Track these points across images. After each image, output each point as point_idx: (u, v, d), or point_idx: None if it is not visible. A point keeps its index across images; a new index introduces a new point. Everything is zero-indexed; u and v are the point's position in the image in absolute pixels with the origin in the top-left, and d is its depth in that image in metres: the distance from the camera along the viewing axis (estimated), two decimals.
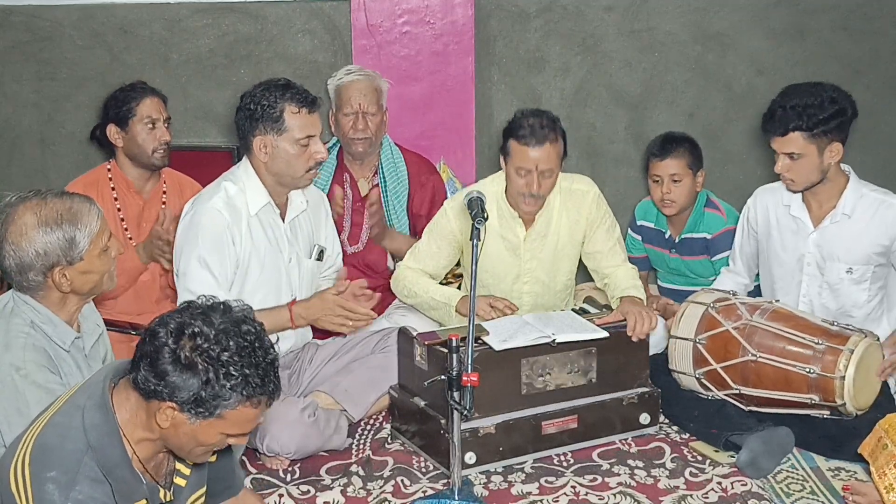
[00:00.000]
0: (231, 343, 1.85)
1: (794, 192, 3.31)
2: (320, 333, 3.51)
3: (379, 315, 3.73)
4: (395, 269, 3.88)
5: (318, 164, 3.15)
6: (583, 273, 4.10)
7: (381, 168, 3.85)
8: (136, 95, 3.56)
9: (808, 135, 3.14)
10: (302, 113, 3.06)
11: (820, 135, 3.15)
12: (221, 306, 1.91)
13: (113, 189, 3.59)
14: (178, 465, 2.05)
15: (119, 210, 3.58)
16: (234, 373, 1.84)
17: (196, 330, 1.85)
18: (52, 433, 1.89)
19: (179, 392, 1.84)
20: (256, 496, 2.44)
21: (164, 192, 3.68)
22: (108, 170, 3.63)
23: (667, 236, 3.88)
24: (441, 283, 3.63)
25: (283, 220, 3.22)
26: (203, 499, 2.16)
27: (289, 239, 3.22)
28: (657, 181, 3.76)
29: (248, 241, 3.10)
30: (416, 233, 3.83)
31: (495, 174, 3.54)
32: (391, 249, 3.79)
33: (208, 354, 1.84)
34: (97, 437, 1.87)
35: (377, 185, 3.85)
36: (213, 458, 2.16)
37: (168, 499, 2.01)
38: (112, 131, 3.57)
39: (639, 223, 3.98)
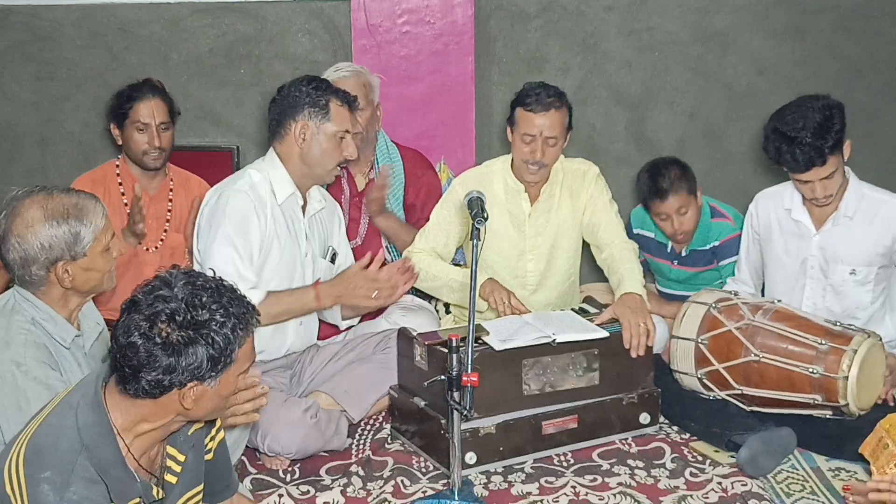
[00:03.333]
0: (203, 298, 1.86)
1: (829, 204, 3.25)
2: (322, 332, 3.52)
3: (379, 315, 3.74)
4: (391, 261, 3.88)
5: (345, 161, 3.23)
6: (584, 274, 4.10)
7: (377, 164, 3.86)
8: (136, 96, 3.59)
9: (838, 151, 3.15)
10: (345, 108, 3.19)
11: (841, 143, 3.16)
12: (162, 283, 1.89)
13: (120, 185, 3.64)
14: (169, 463, 2.03)
15: (126, 205, 3.60)
16: (223, 318, 1.86)
17: (168, 312, 1.84)
18: (45, 433, 1.88)
19: (195, 368, 1.85)
20: (249, 500, 2.43)
21: (171, 190, 3.71)
22: (117, 166, 3.68)
23: (669, 249, 3.83)
24: None
25: (304, 214, 3.26)
26: (200, 497, 2.15)
27: (307, 234, 3.27)
28: (664, 218, 3.69)
29: (271, 226, 3.15)
30: (409, 223, 3.85)
31: (501, 156, 3.61)
32: (384, 228, 3.79)
33: (195, 321, 1.84)
34: (91, 436, 1.87)
35: (373, 179, 3.85)
36: (211, 456, 2.16)
37: (160, 496, 2.00)
38: (113, 130, 3.64)
39: (635, 232, 3.88)
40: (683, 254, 3.79)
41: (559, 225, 3.55)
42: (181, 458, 2.05)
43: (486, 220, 2.89)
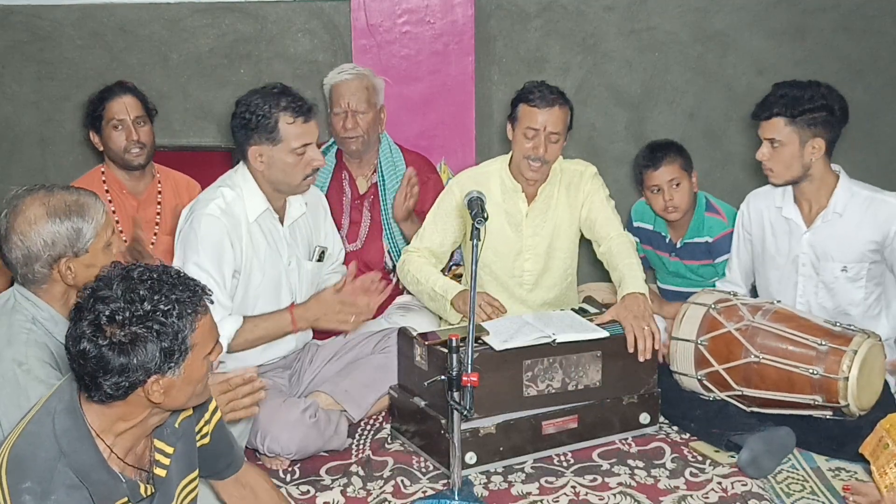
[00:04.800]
0: (142, 292, 1.83)
1: (775, 184, 3.32)
2: (320, 334, 3.51)
3: (378, 315, 3.74)
4: (394, 266, 3.88)
5: (316, 170, 3.14)
6: (583, 274, 4.10)
7: (380, 166, 3.85)
8: (107, 96, 3.59)
9: (790, 122, 3.18)
10: (297, 123, 3.04)
11: (802, 124, 3.17)
12: (101, 283, 1.87)
13: (107, 191, 3.61)
14: (158, 456, 2.02)
15: (114, 212, 3.58)
16: (167, 307, 1.83)
17: (108, 313, 1.81)
18: (24, 442, 1.87)
19: (150, 363, 1.82)
20: (259, 471, 2.42)
21: (160, 192, 3.69)
22: (102, 172, 3.66)
23: (667, 241, 3.86)
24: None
25: (283, 223, 3.21)
26: (196, 483, 2.15)
27: (288, 242, 3.21)
28: (657, 191, 3.73)
29: (248, 246, 3.09)
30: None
31: (499, 156, 3.63)
32: (408, 233, 3.79)
33: (137, 317, 1.81)
34: (69, 442, 1.85)
35: (375, 183, 3.85)
36: (208, 440, 2.16)
37: (149, 492, 2.00)
38: (93, 137, 3.63)
39: (635, 225, 3.94)
40: (679, 245, 3.81)
41: (556, 225, 3.56)
42: (169, 450, 2.04)
43: (486, 220, 2.89)
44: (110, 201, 3.60)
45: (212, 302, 1.94)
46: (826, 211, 3.28)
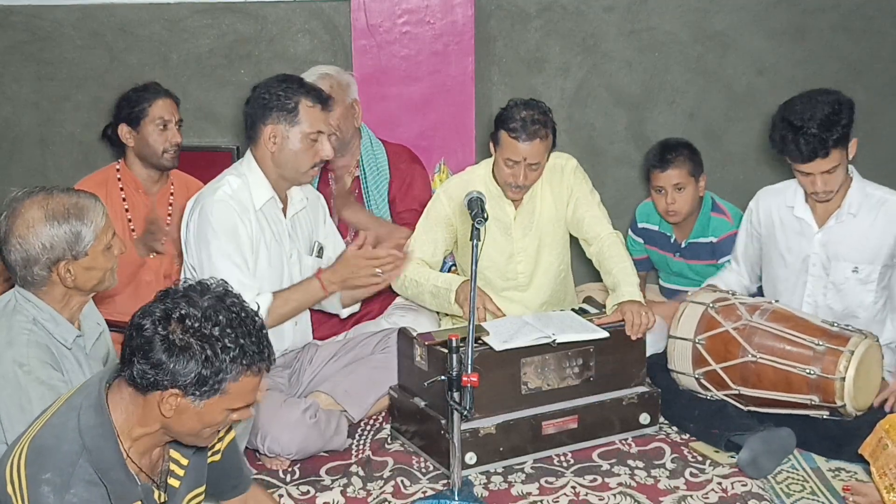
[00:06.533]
0: (220, 317, 1.84)
1: (829, 200, 3.25)
2: (322, 332, 3.52)
3: (378, 315, 3.74)
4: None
5: (322, 161, 3.17)
6: (583, 274, 4.10)
7: (362, 161, 3.85)
8: (150, 96, 3.59)
9: (843, 145, 3.14)
10: (316, 108, 3.11)
11: (845, 142, 3.15)
12: (199, 286, 1.89)
13: (121, 189, 3.62)
14: (173, 466, 2.04)
15: (127, 210, 3.59)
16: (230, 345, 1.83)
17: (183, 312, 1.83)
18: (48, 435, 1.88)
19: (180, 377, 1.83)
20: (266, 493, 2.42)
21: (172, 193, 3.71)
22: (118, 170, 3.67)
23: (672, 241, 3.86)
24: None
25: (285, 215, 3.22)
26: (201, 497, 2.15)
27: (290, 234, 3.23)
28: (660, 191, 3.74)
29: (257, 231, 3.12)
30: (393, 220, 3.84)
31: (484, 161, 3.63)
32: (352, 222, 3.75)
33: (201, 333, 1.83)
34: (92, 438, 1.86)
35: (358, 177, 3.85)
36: (218, 458, 2.16)
37: (163, 500, 2.00)
38: (123, 131, 3.60)
39: (640, 226, 3.95)
40: (683, 245, 3.81)
41: (544, 223, 3.57)
42: (184, 461, 2.05)
43: (486, 220, 2.90)
44: (124, 199, 3.61)
45: (268, 369, 1.93)
46: (840, 211, 3.27)
